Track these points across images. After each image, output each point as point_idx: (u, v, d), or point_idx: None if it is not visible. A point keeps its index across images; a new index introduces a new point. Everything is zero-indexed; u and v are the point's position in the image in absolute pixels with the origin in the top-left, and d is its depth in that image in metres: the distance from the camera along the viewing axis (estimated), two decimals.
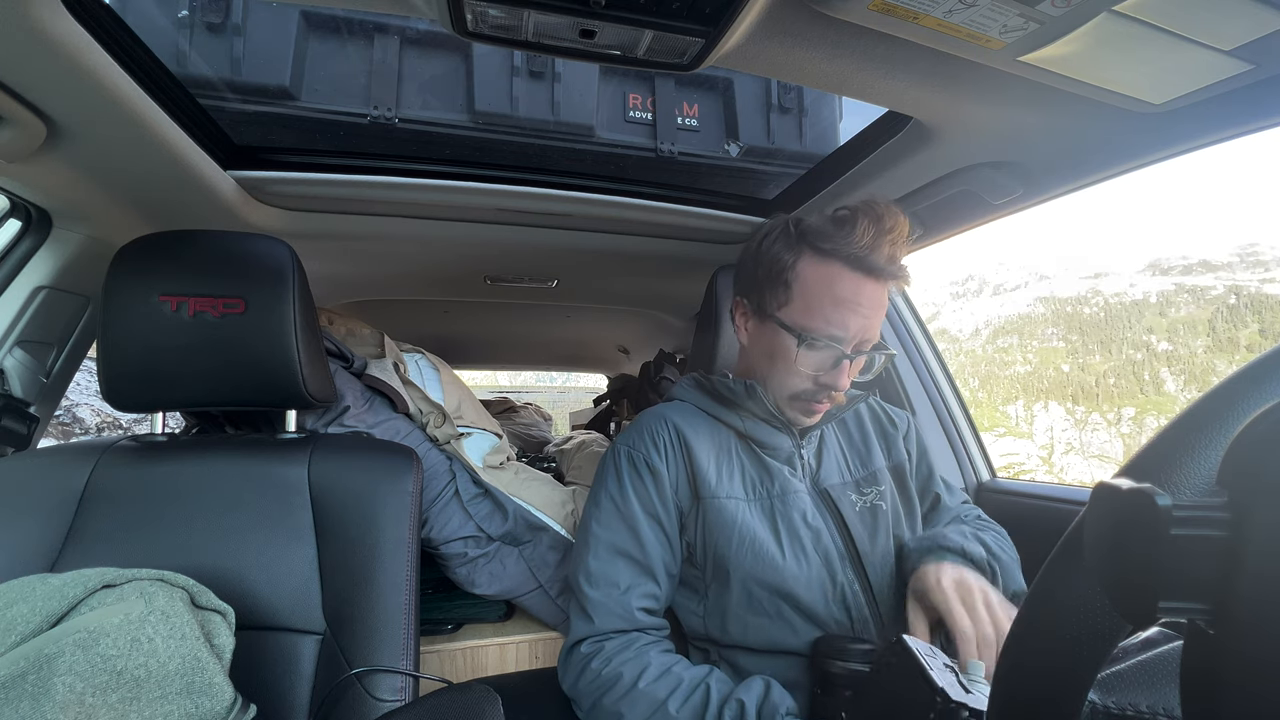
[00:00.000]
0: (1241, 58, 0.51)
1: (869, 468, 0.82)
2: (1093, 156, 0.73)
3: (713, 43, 0.56)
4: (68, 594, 0.52)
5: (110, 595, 0.54)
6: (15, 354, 0.87)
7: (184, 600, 0.57)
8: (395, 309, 1.74)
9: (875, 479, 0.81)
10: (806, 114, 1.19)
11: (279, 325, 0.74)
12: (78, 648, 0.47)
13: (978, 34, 0.51)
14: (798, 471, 0.78)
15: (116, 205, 0.84)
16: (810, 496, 0.77)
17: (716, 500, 0.74)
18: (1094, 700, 0.30)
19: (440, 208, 1.02)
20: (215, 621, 0.59)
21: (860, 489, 0.79)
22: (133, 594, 0.55)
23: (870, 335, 0.73)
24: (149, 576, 0.58)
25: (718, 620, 0.74)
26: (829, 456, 0.81)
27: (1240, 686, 0.18)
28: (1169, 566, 0.18)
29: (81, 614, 0.52)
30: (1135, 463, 0.24)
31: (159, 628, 0.52)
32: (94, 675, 0.46)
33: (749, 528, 0.72)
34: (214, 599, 0.61)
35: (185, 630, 0.54)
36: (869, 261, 0.70)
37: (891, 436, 0.87)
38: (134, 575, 0.57)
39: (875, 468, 0.82)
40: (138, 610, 0.52)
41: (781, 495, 0.75)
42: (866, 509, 0.78)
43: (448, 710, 0.52)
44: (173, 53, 0.91)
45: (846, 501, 0.77)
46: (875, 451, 0.84)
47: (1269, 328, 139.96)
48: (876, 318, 0.72)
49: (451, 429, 1.13)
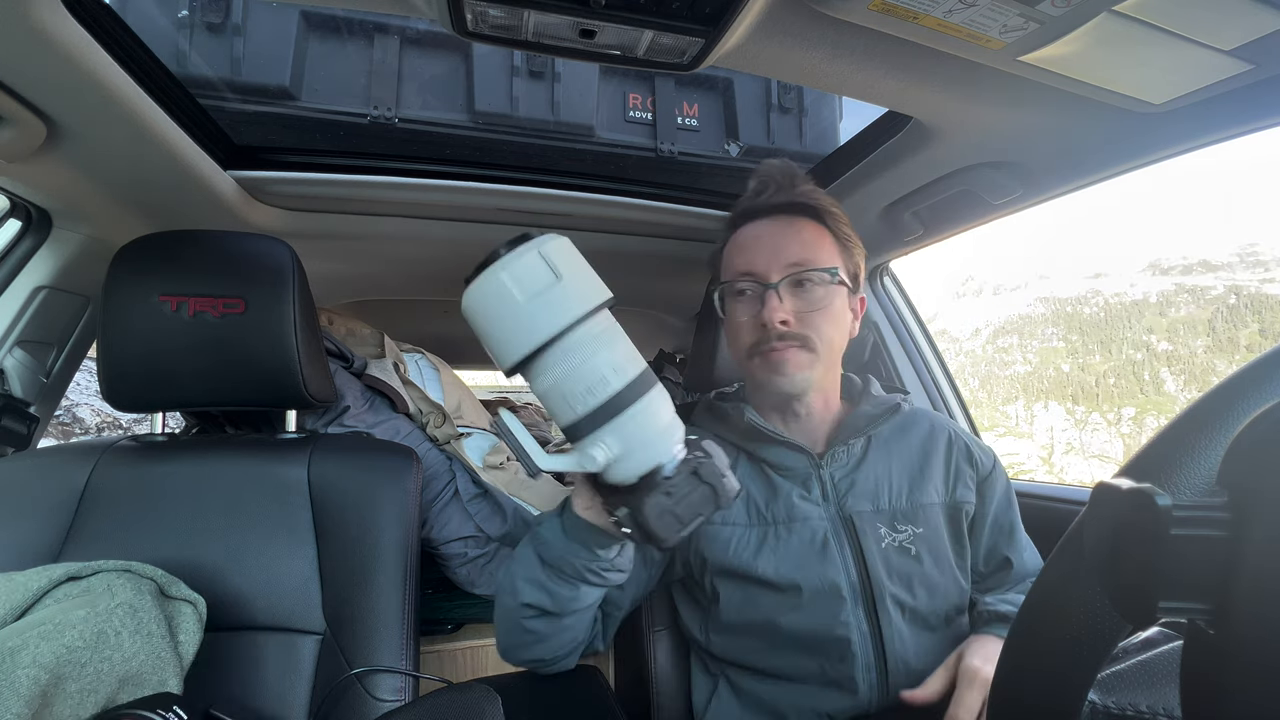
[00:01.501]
0: (1241, 58, 0.51)
1: (915, 500, 0.70)
2: (1093, 156, 0.73)
3: (713, 43, 0.56)
4: (31, 587, 0.52)
5: (75, 587, 0.54)
6: (15, 354, 0.87)
7: (152, 591, 0.57)
8: (395, 309, 1.74)
9: (916, 516, 0.69)
10: (806, 114, 1.19)
11: (279, 325, 0.74)
12: (42, 639, 0.46)
13: (978, 34, 0.51)
14: (813, 494, 0.70)
15: (116, 205, 0.84)
16: (830, 522, 0.68)
17: (712, 526, 0.69)
18: (1094, 700, 0.30)
19: (440, 208, 1.02)
20: (185, 613, 0.59)
21: (894, 523, 0.69)
22: (98, 586, 0.54)
23: (790, 259, 0.68)
24: (115, 568, 0.58)
25: (717, 639, 0.71)
26: (866, 478, 0.70)
27: (1240, 686, 0.18)
28: (1169, 566, 0.18)
29: (46, 606, 0.52)
30: (1135, 463, 0.24)
31: (125, 621, 0.52)
32: (58, 667, 0.46)
33: (740, 557, 0.68)
34: (185, 589, 0.60)
35: (151, 627, 0.54)
36: (758, 205, 0.72)
37: (964, 474, 0.73)
38: (99, 567, 0.57)
39: (923, 502, 0.70)
40: (104, 603, 0.52)
41: (786, 521, 0.68)
42: (894, 548, 0.67)
43: (448, 710, 0.52)
44: (173, 53, 0.91)
45: (871, 534, 0.67)
46: (931, 484, 0.71)
47: (1269, 328, 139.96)
48: (791, 246, 0.68)
49: (451, 429, 1.13)
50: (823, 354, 0.69)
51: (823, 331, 0.68)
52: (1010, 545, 0.73)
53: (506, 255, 0.45)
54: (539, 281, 0.45)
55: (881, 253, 1.15)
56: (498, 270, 0.45)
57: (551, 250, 0.46)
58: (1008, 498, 0.75)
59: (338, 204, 0.99)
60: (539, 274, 0.45)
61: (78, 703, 0.47)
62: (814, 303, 0.68)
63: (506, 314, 0.45)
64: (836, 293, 0.69)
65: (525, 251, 0.46)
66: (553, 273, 0.46)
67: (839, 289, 0.69)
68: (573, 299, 0.46)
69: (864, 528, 0.68)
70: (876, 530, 0.68)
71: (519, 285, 0.45)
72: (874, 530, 0.68)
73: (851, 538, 0.67)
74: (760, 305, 0.68)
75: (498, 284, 0.45)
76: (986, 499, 0.73)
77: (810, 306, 0.68)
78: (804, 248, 0.69)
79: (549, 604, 0.61)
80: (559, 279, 0.46)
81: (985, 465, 0.75)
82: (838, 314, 0.69)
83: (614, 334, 0.49)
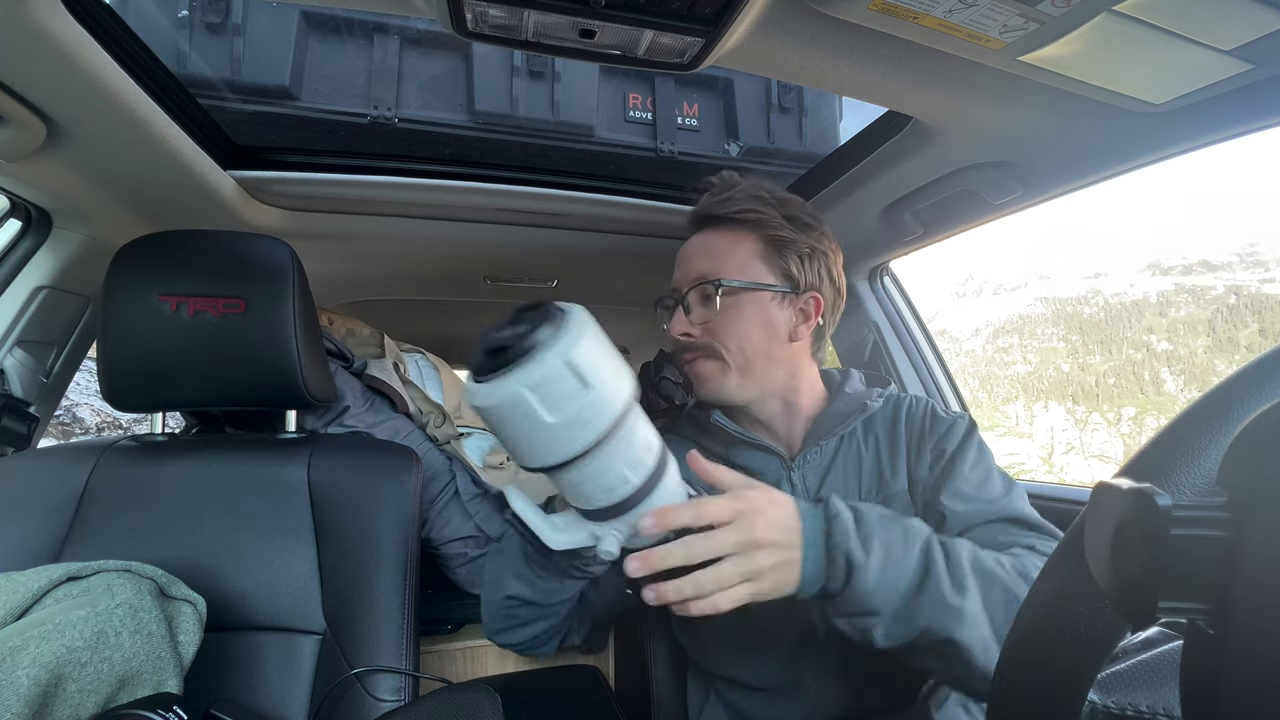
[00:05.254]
0: (1241, 58, 0.51)
1: (886, 491, 0.67)
2: (1093, 156, 0.73)
3: (713, 43, 0.56)
4: (31, 587, 0.52)
5: (75, 587, 0.54)
6: (15, 354, 0.87)
7: (152, 591, 0.57)
8: (395, 309, 1.73)
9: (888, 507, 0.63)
10: (806, 114, 1.19)
11: (279, 325, 0.74)
12: (42, 639, 0.46)
13: (978, 34, 0.51)
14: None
15: (116, 205, 0.84)
16: None
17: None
18: (1094, 700, 0.30)
19: (440, 208, 1.02)
20: (185, 612, 0.59)
21: None
22: (98, 586, 0.54)
23: (696, 273, 0.70)
24: (115, 568, 0.58)
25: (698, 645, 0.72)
26: (835, 477, 0.69)
27: (1240, 686, 0.18)
28: (1169, 566, 0.18)
29: (46, 606, 0.52)
30: (1135, 463, 0.24)
31: (125, 621, 0.52)
32: (58, 667, 0.46)
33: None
34: (185, 589, 0.61)
35: (151, 627, 0.54)
36: (694, 215, 0.74)
37: (925, 445, 0.68)
38: (99, 567, 0.57)
39: (894, 490, 0.67)
40: (104, 603, 0.52)
41: None
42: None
43: (447, 710, 0.52)
44: (173, 53, 0.91)
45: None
46: (902, 469, 0.68)
47: (1269, 328, 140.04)
48: (697, 259, 0.70)
49: (451, 429, 1.13)
50: (734, 362, 0.68)
51: (728, 340, 0.68)
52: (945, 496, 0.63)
53: (526, 366, 0.38)
54: (566, 398, 0.39)
55: (881, 253, 1.15)
56: (518, 384, 0.38)
57: (579, 355, 0.39)
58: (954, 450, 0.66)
59: (338, 204, 0.99)
60: (566, 388, 0.39)
61: (77, 703, 0.47)
62: (714, 313, 0.68)
63: (526, 430, 0.40)
64: (746, 300, 0.68)
65: (549, 359, 0.38)
66: (581, 383, 0.39)
67: (750, 295, 0.68)
68: (602, 409, 0.41)
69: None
70: None
71: (544, 404, 0.39)
72: None
73: None
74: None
75: (518, 399, 0.38)
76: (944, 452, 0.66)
77: (708, 316, 0.69)
78: (710, 259, 0.69)
79: (532, 595, 0.61)
80: (588, 389, 0.39)
81: (943, 424, 0.69)
82: (747, 320, 0.68)
83: (635, 423, 0.44)
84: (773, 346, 0.69)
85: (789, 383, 0.71)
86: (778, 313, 0.69)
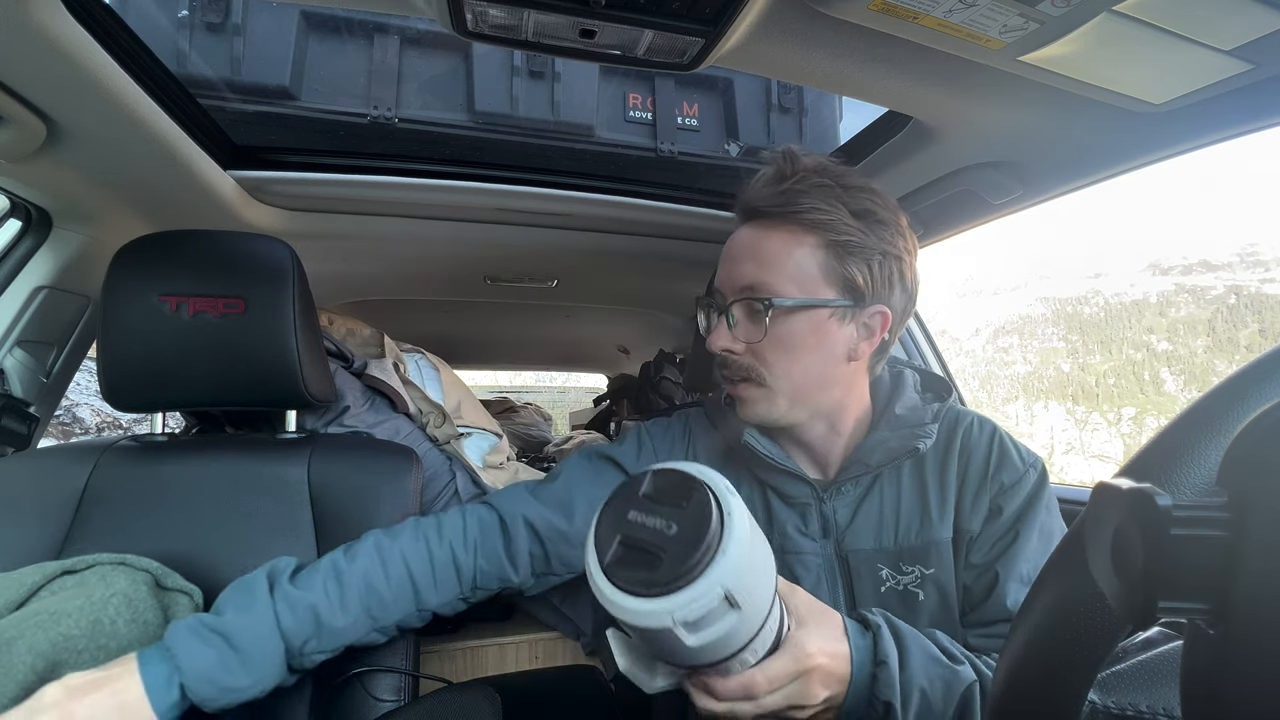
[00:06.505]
0: (1241, 58, 0.52)
1: (927, 536, 0.59)
2: (1093, 156, 0.73)
3: (713, 43, 0.56)
4: (27, 581, 0.53)
5: (71, 580, 0.55)
6: (15, 354, 0.87)
7: (147, 583, 0.57)
8: (395, 309, 1.74)
9: (927, 554, 0.59)
10: (806, 114, 1.19)
11: (279, 325, 0.74)
12: (38, 629, 0.47)
13: (978, 34, 0.51)
14: (810, 528, 0.62)
15: (116, 205, 0.84)
16: (825, 560, 0.61)
17: None
18: (1094, 700, 0.30)
19: (440, 208, 1.02)
20: (181, 603, 0.59)
21: (899, 563, 0.59)
22: (93, 578, 0.55)
23: (743, 281, 0.59)
24: (110, 561, 0.58)
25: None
26: (868, 513, 0.61)
27: (1240, 685, 0.18)
28: (1169, 566, 0.18)
29: (42, 599, 0.52)
30: (1135, 463, 0.24)
31: (121, 610, 0.52)
32: (54, 654, 0.46)
33: None
34: (180, 580, 0.61)
35: (147, 616, 0.54)
36: (744, 203, 0.61)
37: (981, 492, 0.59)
38: (94, 560, 0.58)
39: (935, 538, 0.59)
40: (99, 593, 0.52)
41: (779, 554, 0.61)
42: (896, 591, 0.59)
43: (447, 710, 0.52)
44: (173, 53, 0.91)
45: (868, 576, 0.59)
46: (950, 514, 0.60)
47: (1269, 328, 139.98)
48: (746, 265, 0.59)
49: (451, 429, 1.13)
50: (781, 389, 0.59)
51: (775, 366, 0.58)
52: (1004, 567, 0.56)
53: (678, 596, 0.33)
54: (715, 620, 0.35)
55: None
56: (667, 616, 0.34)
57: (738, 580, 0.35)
58: (1024, 507, 0.58)
59: (338, 204, 0.99)
60: (717, 612, 0.35)
61: None
62: (761, 333, 0.58)
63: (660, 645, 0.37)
64: (799, 319, 0.57)
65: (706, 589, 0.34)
66: (732, 605, 0.35)
67: (803, 314, 0.57)
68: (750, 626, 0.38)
69: (859, 568, 0.60)
70: (876, 572, 0.59)
71: (694, 633, 0.35)
72: (872, 572, 0.59)
73: (845, 579, 0.60)
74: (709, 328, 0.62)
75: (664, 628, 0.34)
76: (1003, 509, 0.58)
77: (755, 337, 0.59)
78: (759, 266, 0.58)
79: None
80: (738, 610, 0.35)
81: (1013, 472, 0.60)
82: (800, 346, 0.58)
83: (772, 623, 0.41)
84: (828, 370, 0.60)
85: (840, 402, 0.62)
86: (836, 332, 0.58)
